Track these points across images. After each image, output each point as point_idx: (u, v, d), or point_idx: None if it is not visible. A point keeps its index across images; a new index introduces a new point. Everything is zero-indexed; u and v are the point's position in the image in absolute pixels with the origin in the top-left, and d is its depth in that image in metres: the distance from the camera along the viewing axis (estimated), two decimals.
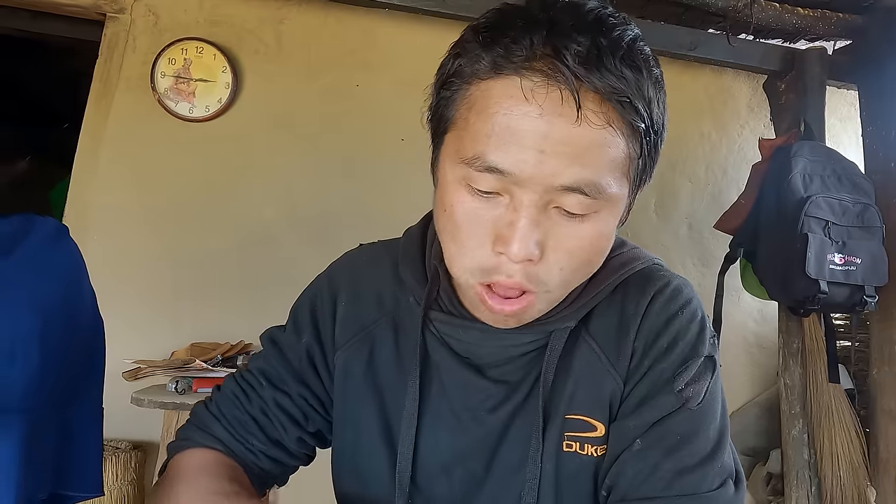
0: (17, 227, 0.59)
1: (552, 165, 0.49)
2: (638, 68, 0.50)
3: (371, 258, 0.72)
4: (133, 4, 2.34)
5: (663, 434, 0.57)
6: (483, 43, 0.52)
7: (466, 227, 0.53)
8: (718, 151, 2.70)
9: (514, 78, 0.50)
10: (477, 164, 0.51)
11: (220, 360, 1.97)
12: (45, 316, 0.55)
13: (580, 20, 0.50)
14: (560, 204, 0.51)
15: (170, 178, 2.27)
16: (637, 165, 0.54)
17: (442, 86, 0.56)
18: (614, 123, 0.50)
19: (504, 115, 0.50)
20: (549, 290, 0.55)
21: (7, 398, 0.51)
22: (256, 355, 0.73)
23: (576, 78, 0.48)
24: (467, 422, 0.62)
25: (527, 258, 0.52)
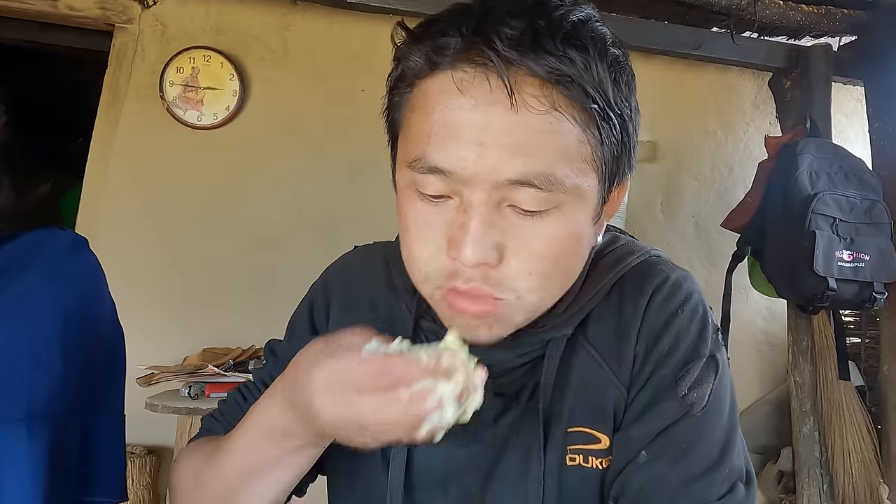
0: (38, 239, 0.61)
1: (494, 158, 0.46)
2: (584, 48, 0.47)
3: (365, 262, 0.70)
4: (141, 14, 2.37)
5: (669, 443, 0.55)
6: (418, 41, 0.50)
7: (420, 234, 0.51)
8: (724, 149, 2.70)
9: (448, 72, 0.47)
10: (419, 167, 0.49)
11: (232, 365, 1.99)
12: (65, 324, 0.57)
13: (517, 5, 0.48)
14: (513, 201, 0.48)
15: (179, 186, 2.29)
16: (602, 153, 0.50)
17: (390, 92, 0.54)
18: (561, 108, 0.47)
19: (441, 111, 0.48)
20: (520, 295, 0.51)
21: (32, 404, 0.53)
22: (258, 368, 0.73)
23: (506, 62, 0.45)
24: (462, 435, 0.58)
25: (482, 262, 0.48)
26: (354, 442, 0.47)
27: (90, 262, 0.63)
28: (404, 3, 2.21)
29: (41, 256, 0.59)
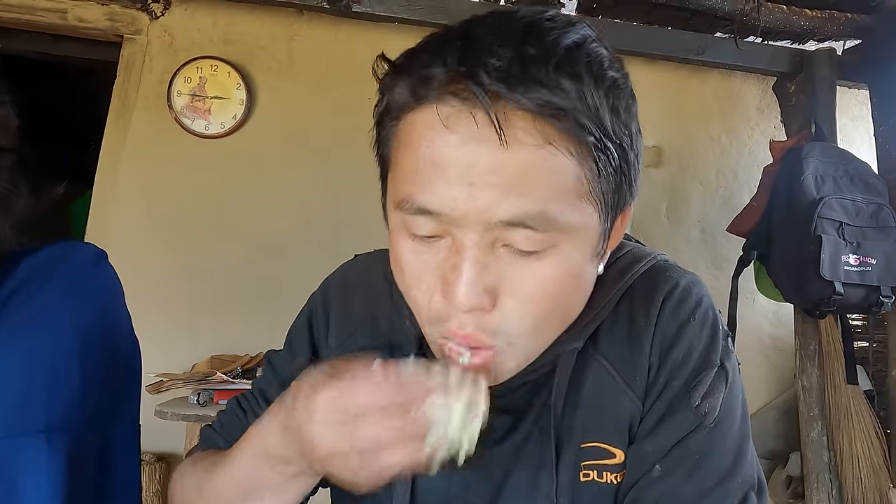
0: (59, 253, 0.62)
1: (484, 199, 0.44)
2: (578, 75, 0.44)
3: (365, 275, 0.68)
4: (149, 25, 2.40)
5: (682, 456, 0.54)
6: (399, 72, 0.48)
7: (415, 276, 0.49)
8: (729, 154, 2.70)
9: (434, 105, 0.44)
10: (407, 207, 0.46)
11: (240, 372, 2.00)
12: (84, 338, 0.58)
13: (504, 32, 0.45)
14: (507, 241, 0.45)
15: (187, 194, 2.32)
16: (601, 186, 0.47)
17: (377, 125, 0.52)
18: (555, 142, 0.44)
19: (427, 147, 0.45)
20: (512, 342, 0.48)
21: (51, 417, 0.54)
22: (258, 377, 0.72)
23: (493, 97, 0.42)
24: (471, 454, 0.58)
25: (474, 306, 0.46)
26: (349, 474, 0.44)
27: (109, 276, 0.64)
28: (409, 12, 2.23)
29: (62, 270, 0.60)
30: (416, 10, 2.22)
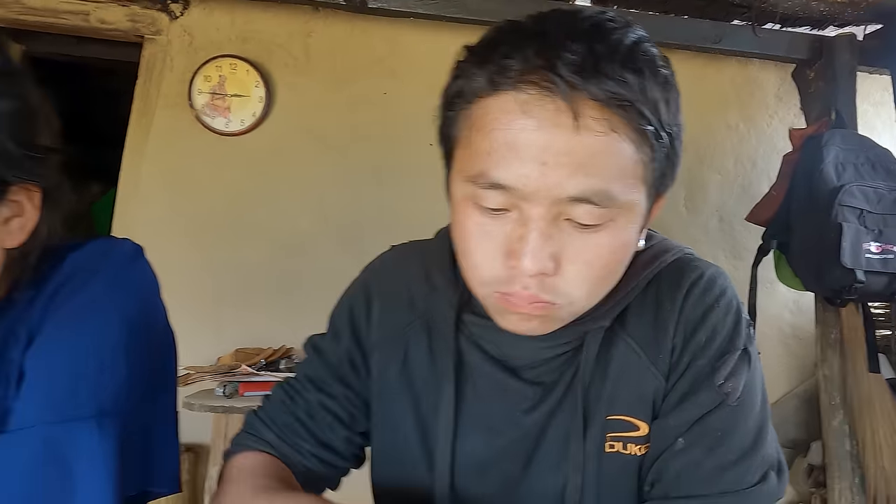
0: (102, 248, 0.65)
1: (555, 177, 0.49)
2: (640, 71, 0.49)
3: (402, 260, 0.73)
4: (169, 26, 2.44)
5: (704, 431, 0.58)
6: (478, 61, 0.52)
7: (478, 244, 0.54)
8: (747, 143, 2.68)
9: (511, 93, 0.49)
10: (481, 182, 0.51)
11: (264, 365, 2.04)
12: (128, 329, 0.61)
13: (574, 28, 0.50)
14: (570, 215, 0.51)
15: (209, 191, 2.36)
16: (653, 169, 0.53)
17: (446, 106, 0.57)
18: (619, 129, 0.49)
19: (503, 130, 0.50)
20: (572, 301, 0.54)
21: (101, 403, 0.57)
22: (301, 363, 0.75)
23: (571, 87, 0.47)
24: (503, 423, 0.63)
25: (540, 272, 0.51)
26: None
27: (147, 270, 0.67)
28: (424, 7, 2.25)
29: (105, 265, 0.63)
30: (431, 5, 2.23)
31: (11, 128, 0.53)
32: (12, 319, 0.59)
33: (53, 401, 0.56)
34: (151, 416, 0.64)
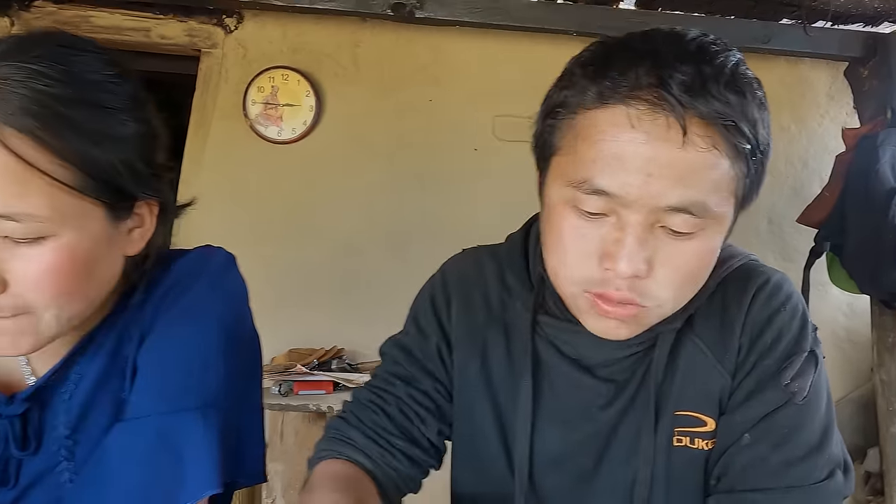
0: (201, 255, 0.71)
1: (658, 187, 0.52)
2: (742, 93, 0.53)
3: (477, 263, 0.76)
4: (224, 39, 2.55)
5: (771, 428, 0.60)
6: (590, 76, 0.56)
7: (573, 245, 0.57)
8: (798, 143, 2.63)
9: (620, 107, 0.53)
10: (584, 187, 0.55)
11: (317, 364, 2.11)
12: (225, 329, 0.67)
13: (682, 50, 0.54)
14: (666, 223, 0.54)
15: (263, 198, 2.45)
16: (744, 185, 0.56)
17: (547, 115, 0.60)
18: (719, 146, 0.53)
19: (610, 141, 0.53)
20: (660, 304, 0.57)
21: (204, 396, 0.63)
22: (382, 364, 0.77)
23: (681, 105, 0.51)
24: (578, 419, 0.66)
25: (634, 275, 0.54)
26: None
27: (239, 277, 0.73)
28: (470, 15, 2.29)
29: (206, 272, 0.69)
30: (477, 13, 2.27)
31: (140, 149, 0.60)
32: (127, 320, 0.66)
33: (165, 393, 0.62)
34: (242, 411, 0.69)
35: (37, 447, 0.61)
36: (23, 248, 0.53)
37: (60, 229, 0.54)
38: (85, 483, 0.61)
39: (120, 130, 0.57)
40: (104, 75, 0.57)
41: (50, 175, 0.52)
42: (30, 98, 0.51)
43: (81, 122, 0.54)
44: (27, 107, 0.51)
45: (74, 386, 0.63)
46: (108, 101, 0.57)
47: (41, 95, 0.52)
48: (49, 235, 0.54)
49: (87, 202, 0.55)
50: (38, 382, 0.62)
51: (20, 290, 0.54)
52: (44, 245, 0.54)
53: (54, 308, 0.56)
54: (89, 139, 0.54)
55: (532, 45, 2.47)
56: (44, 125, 0.51)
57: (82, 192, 0.54)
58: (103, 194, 0.56)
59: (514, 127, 2.49)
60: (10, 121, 0.50)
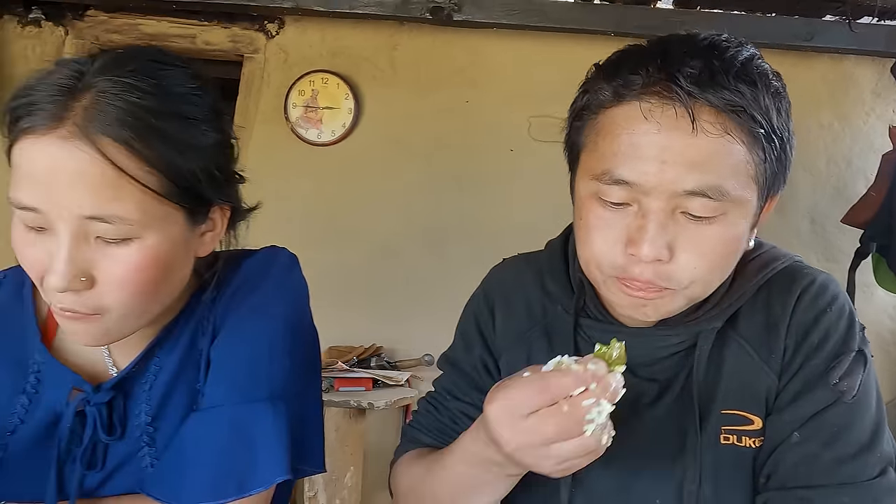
0: (267, 255, 0.75)
1: (673, 173, 0.55)
2: (753, 82, 0.56)
3: (517, 272, 0.79)
4: (266, 44, 2.62)
5: (820, 426, 0.60)
6: (606, 77, 0.60)
7: (599, 234, 0.60)
8: (842, 142, 2.58)
9: (634, 103, 0.57)
10: (606, 179, 0.58)
11: (357, 362, 2.16)
12: (290, 326, 0.71)
13: (693, 48, 0.57)
14: (686, 208, 0.56)
15: (304, 199, 2.51)
16: (765, 170, 0.58)
17: (574, 118, 0.64)
18: (732, 132, 0.55)
19: (627, 134, 0.57)
20: (686, 286, 0.59)
21: (272, 388, 0.66)
22: (439, 377, 0.82)
23: (689, 95, 0.54)
24: (624, 417, 0.65)
25: (656, 258, 0.57)
26: (543, 467, 0.54)
27: (301, 277, 0.77)
28: (508, 17, 2.31)
29: (272, 271, 0.73)
30: (515, 15, 2.29)
31: (217, 157, 0.64)
32: (200, 316, 0.70)
33: (237, 384, 0.66)
34: (305, 402, 0.73)
35: (122, 433, 0.66)
36: (112, 249, 0.57)
37: (146, 232, 0.58)
38: (164, 467, 0.65)
39: (201, 140, 0.61)
40: (189, 88, 0.61)
41: (140, 181, 0.56)
42: (125, 110, 0.56)
43: (169, 132, 0.58)
44: (123, 118, 0.55)
45: (154, 377, 0.68)
46: (192, 113, 0.61)
47: (135, 108, 0.56)
48: (135, 237, 0.58)
49: (170, 207, 0.60)
50: (121, 373, 0.67)
51: (104, 288, 0.58)
52: (130, 246, 0.58)
53: (127, 308, 0.60)
54: (175, 148, 0.58)
55: (567, 46, 2.47)
56: (137, 135, 0.56)
57: (167, 198, 0.59)
58: (184, 200, 0.61)
59: (550, 127, 2.49)
60: (108, 131, 0.55)
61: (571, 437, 0.52)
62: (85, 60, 0.59)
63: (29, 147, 0.55)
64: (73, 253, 0.56)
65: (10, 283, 0.71)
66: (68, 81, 0.56)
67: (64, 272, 0.55)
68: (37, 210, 0.55)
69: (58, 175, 0.54)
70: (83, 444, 0.65)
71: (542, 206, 2.56)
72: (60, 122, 0.55)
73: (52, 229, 0.56)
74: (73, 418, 0.65)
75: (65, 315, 0.58)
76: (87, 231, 0.56)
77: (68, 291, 0.56)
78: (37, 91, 0.56)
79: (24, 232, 0.57)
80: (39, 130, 0.55)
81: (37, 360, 0.67)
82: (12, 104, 0.57)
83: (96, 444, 0.66)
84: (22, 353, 0.67)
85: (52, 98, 0.55)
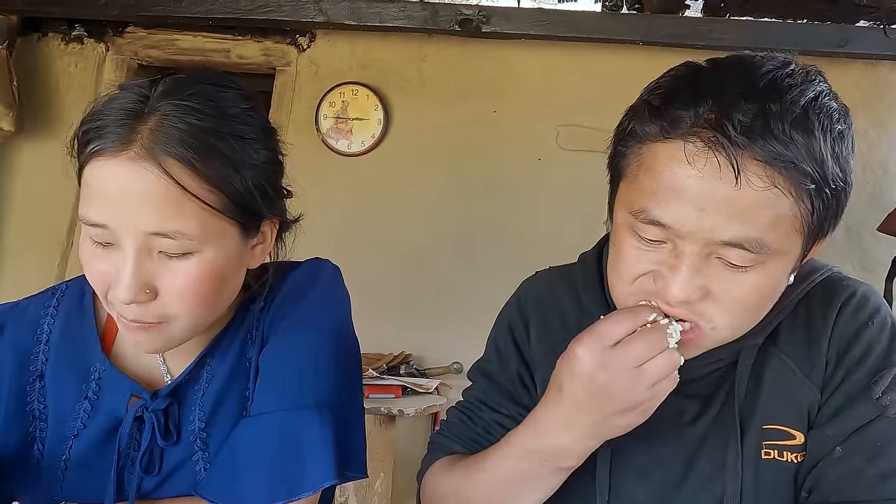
0: (312, 267, 0.78)
1: (712, 222, 0.53)
2: (810, 131, 0.52)
3: (550, 285, 0.79)
4: (297, 57, 2.68)
5: (863, 441, 0.60)
6: (655, 110, 0.57)
7: (631, 265, 0.59)
8: (877, 149, 2.53)
9: (679, 143, 0.54)
10: (642, 217, 0.57)
11: (386, 369, 2.18)
12: (334, 336, 0.73)
13: (750, 86, 0.54)
14: (722, 255, 0.55)
15: (335, 208, 2.55)
16: (812, 220, 0.55)
17: (618, 141, 0.62)
18: (779, 185, 0.52)
19: (668, 174, 0.55)
20: (715, 327, 0.58)
21: (318, 396, 0.69)
22: (470, 387, 0.82)
23: (736, 147, 0.52)
24: (664, 433, 0.67)
25: (686, 300, 0.55)
26: (634, 395, 0.56)
27: (344, 288, 0.79)
28: (536, 28, 2.33)
29: (317, 283, 0.76)
30: (543, 26, 2.31)
31: (268, 174, 0.67)
32: (249, 325, 0.73)
33: (286, 392, 0.68)
34: (349, 410, 0.75)
35: (177, 438, 0.69)
36: (173, 262, 0.61)
37: (204, 246, 0.61)
38: (217, 472, 0.68)
39: (255, 158, 0.64)
40: (242, 108, 0.65)
41: (201, 199, 0.59)
42: (187, 132, 0.59)
43: (226, 151, 0.61)
44: (185, 139, 0.59)
45: (206, 384, 0.71)
46: (246, 132, 0.64)
47: (196, 129, 0.59)
48: (195, 252, 0.61)
49: (226, 222, 0.63)
50: (176, 380, 0.70)
51: (166, 299, 0.61)
52: (190, 260, 0.61)
53: (189, 316, 0.63)
54: (232, 166, 0.62)
55: (595, 55, 2.48)
56: (198, 155, 0.59)
57: (224, 214, 0.62)
58: (239, 215, 0.64)
59: (577, 137, 2.51)
60: (172, 152, 0.58)
61: (661, 351, 0.55)
62: (148, 84, 0.63)
63: (99, 168, 0.59)
64: (138, 267, 0.59)
65: (72, 294, 0.75)
66: (134, 106, 0.60)
67: (130, 285, 0.58)
68: (105, 227, 0.59)
69: (126, 194, 0.58)
70: (142, 449, 0.68)
71: (570, 214, 2.57)
72: (128, 145, 0.58)
73: (118, 245, 0.60)
74: (132, 424, 0.68)
75: (132, 326, 0.61)
76: (151, 246, 0.59)
77: (133, 303, 0.59)
78: (105, 116, 0.60)
79: (91, 247, 0.61)
80: (109, 152, 0.58)
81: (97, 368, 0.71)
82: (83, 129, 0.61)
83: (153, 449, 0.69)
84: (84, 360, 0.71)
85: (120, 122, 0.59)
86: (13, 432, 0.69)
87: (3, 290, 2.68)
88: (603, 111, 2.80)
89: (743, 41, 2.24)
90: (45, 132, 2.70)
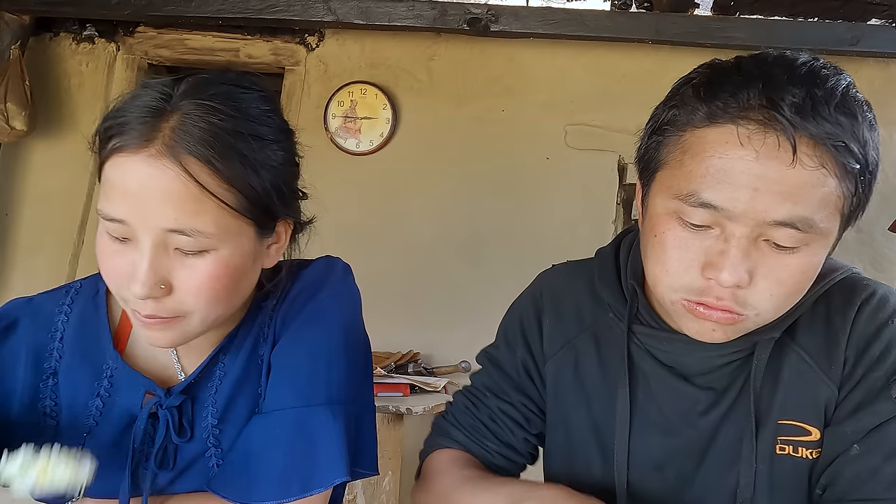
0: (324, 265, 0.79)
1: (765, 202, 0.54)
2: (853, 114, 0.55)
3: (568, 276, 0.80)
4: (306, 57, 2.69)
5: (882, 439, 0.60)
6: (700, 97, 0.59)
7: (675, 254, 0.59)
8: (889, 148, 2.51)
9: (730, 126, 0.56)
10: (691, 200, 0.57)
11: (394, 368, 2.19)
12: (346, 334, 0.73)
13: (793, 73, 0.56)
14: (770, 237, 0.56)
15: (344, 207, 2.56)
16: (851, 203, 0.58)
17: (654, 131, 0.63)
18: (828, 165, 0.55)
19: (719, 158, 0.56)
20: (759, 312, 0.59)
21: (330, 393, 0.69)
22: (478, 373, 0.84)
23: (792, 126, 0.53)
24: (678, 425, 0.68)
25: (736, 284, 0.56)
26: None
27: (355, 286, 0.80)
28: (545, 27, 2.33)
29: (329, 281, 0.76)
30: (552, 24, 2.31)
31: (285, 175, 0.67)
32: (262, 323, 0.73)
33: (298, 389, 0.69)
34: (360, 407, 0.75)
35: (191, 435, 0.70)
36: (190, 259, 0.61)
37: (221, 244, 0.62)
38: (230, 467, 0.68)
39: (273, 159, 0.65)
40: (262, 110, 0.65)
41: (219, 198, 0.60)
42: (208, 131, 0.60)
43: (246, 152, 0.62)
44: (206, 138, 0.59)
45: (219, 381, 0.71)
46: (266, 134, 0.65)
47: (217, 129, 0.60)
48: (211, 249, 0.61)
49: (243, 221, 0.63)
50: (190, 376, 0.71)
51: (182, 295, 0.62)
52: (206, 257, 0.62)
53: (204, 312, 0.64)
54: (251, 167, 0.62)
55: (603, 54, 2.47)
56: (218, 154, 0.60)
57: (241, 213, 0.62)
58: (256, 215, 0.64)
59: (586, 136, 2.50)
60: (192, 150, 0.59)
61: None
62: (170, 83, 0.63)
63: (120, 164, 0.59)
64: (154, 262, 0.59)
65: (87, 292, 0.76)
66: (157, 103, 0.61)
67: (145, 280, 0.59)
68: (123, 222, 0.59)
69: (146, 191, 0.58)
70: (156, 446, 0.68)
71: (579, 213, 2.57)
72: (150, 142, 0.59)
73: (135, 240, 0.60)
74: (146, 420, 0.69)
75: (147, 322, 0.62)
76: (168, 243, 0.60)
77: (149, 299, 0.60)
78: (128, 113, 0.60)
79: (108, 242, 0.62)
80: (131, 149, 0.59)
81: (110, 365, 0.71)
82: (105, 125, 0.61)
83: (167, 446, 0.69)
84: (97, 357, 0.72)
85: (142, 119, 0.59)
86: (26, 428, 0.70)
87: (15, 287, 2.71)
88: (612, 110, 2.82)
89: (753, 39, 2.23)
90: (57, 131, 2.72)
